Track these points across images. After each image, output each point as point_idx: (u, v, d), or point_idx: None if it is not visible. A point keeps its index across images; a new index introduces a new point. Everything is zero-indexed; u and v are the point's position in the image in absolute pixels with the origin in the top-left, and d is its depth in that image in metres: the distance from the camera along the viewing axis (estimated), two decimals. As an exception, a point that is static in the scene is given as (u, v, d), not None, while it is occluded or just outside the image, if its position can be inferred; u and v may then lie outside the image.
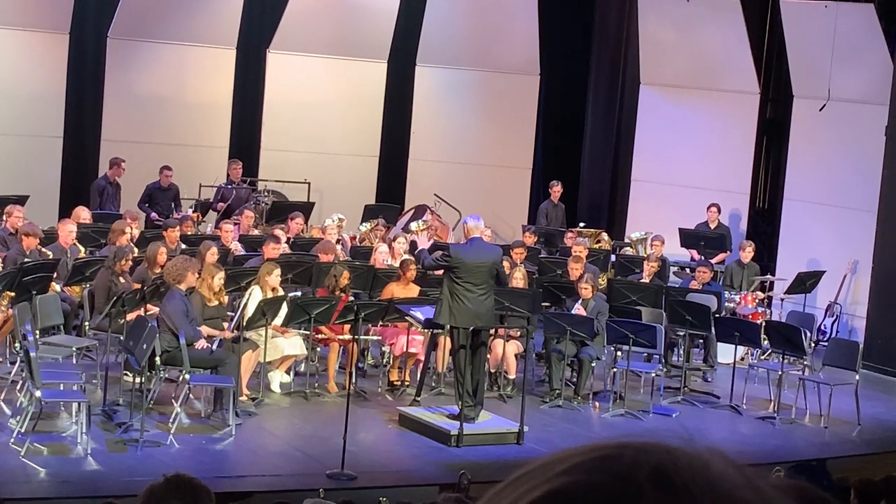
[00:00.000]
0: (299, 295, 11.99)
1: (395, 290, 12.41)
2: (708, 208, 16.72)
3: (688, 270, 15.99)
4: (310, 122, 18.18)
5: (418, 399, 11.83)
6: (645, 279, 14.13)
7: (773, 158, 18.40)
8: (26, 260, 11.80)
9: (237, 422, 10.52)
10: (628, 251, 16.79)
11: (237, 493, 9.01)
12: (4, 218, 13.48)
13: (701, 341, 13.95)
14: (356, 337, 11.33)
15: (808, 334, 13.24)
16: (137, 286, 11.34)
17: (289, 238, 14.29)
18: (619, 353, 12.38)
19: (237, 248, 13.90)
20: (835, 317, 15.98)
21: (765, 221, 18.32)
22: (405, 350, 12.26)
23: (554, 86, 19.52)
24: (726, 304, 14.43)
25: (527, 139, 19.38)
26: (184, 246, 13.40)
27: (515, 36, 18.83)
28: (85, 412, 9.75)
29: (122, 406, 10.77)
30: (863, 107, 15.93)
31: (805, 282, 15.35)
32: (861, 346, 13.15)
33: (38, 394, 9.48)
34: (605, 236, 17.33)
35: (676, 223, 16.62)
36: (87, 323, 11.77)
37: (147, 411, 10.31)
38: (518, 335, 12.53)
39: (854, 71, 16.10)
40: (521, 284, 12.71)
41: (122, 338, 10.73)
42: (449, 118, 19.06)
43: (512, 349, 12.52)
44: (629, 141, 18.91)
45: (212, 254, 12.27)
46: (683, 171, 17.89)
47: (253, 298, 11.36)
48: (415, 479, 9.79)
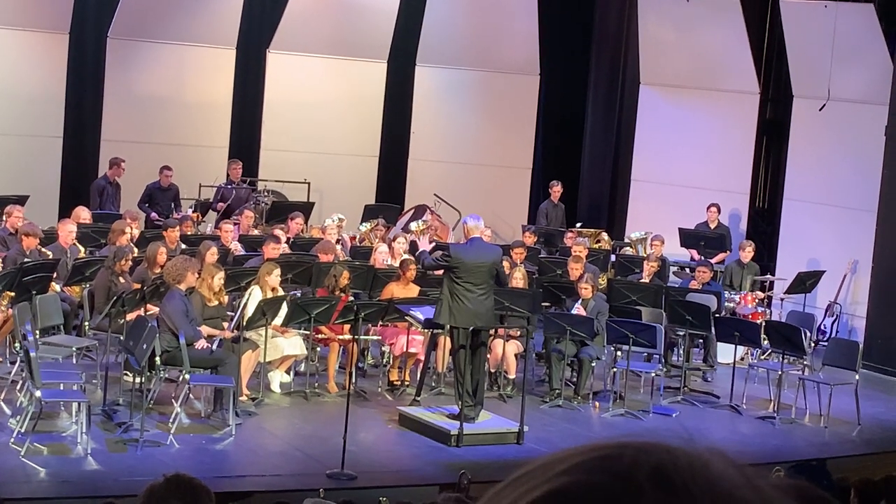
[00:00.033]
0: (298, 295, 11.99)
1: (395, 290, 12.41)
2: (708, 208, 16.72)
3: (688, 270, 15.98)
4: (310, 122, 18.17)
5: (418, 399, 11.83)
6: (645, 279, 14.13)
7: (773, 158, 18.39)
8: (26, 260, 11.80)
9: (237, 422, 10.51)
10: (628, 251, 16.78)
11: (237, 493, 9.01)
12: (4, 218, 13.48)
13: (701, 341, 13.95)
14: (356, 337, 11.33)
15: (808, 334, 13.23)
16: (137, 286, 11.34)
17: (289, 238, 14.28)
18: (619, 353, 12.38)
19: (237, 248, 13.90)
20: (835, 317, 15.98)
21: (765, 221, 18.32)
22: (405, 350, 12.26)
23: (554, 86, 19.52)
24: (726, 304, 14.43)
25: (527, 139, 19.38)
26: (184, 246, 13.40)
27: (515, 36, 18.83)
28: (85, 412, 9.75)
29: (122, 406, 10.77)
30: (863, 107, 15.93)
31: (805, 282, 15.35)
32: (861, 346, 13.15)
33: (38, 394, 9.48)
34: (605, 236, 17.33)
35: (676, 223, 16.61)
36: (87, 323, 11.76)
37: (147, 411, 10.31)
38: (518, 335, 12.52)
39: (854, 71, 16.10)
40: (521, 284, 12.71)
41: (122, 338, 10.72)
42: (449, 118, 19.06)
43: (512, 349, 12.52)
44: (629, 141, 18.91)
45: (212, 254, 12.27)
46: (683, 171, 17.88)
47: (253, 298, 11.35)
48: (415, 479, 9.79)
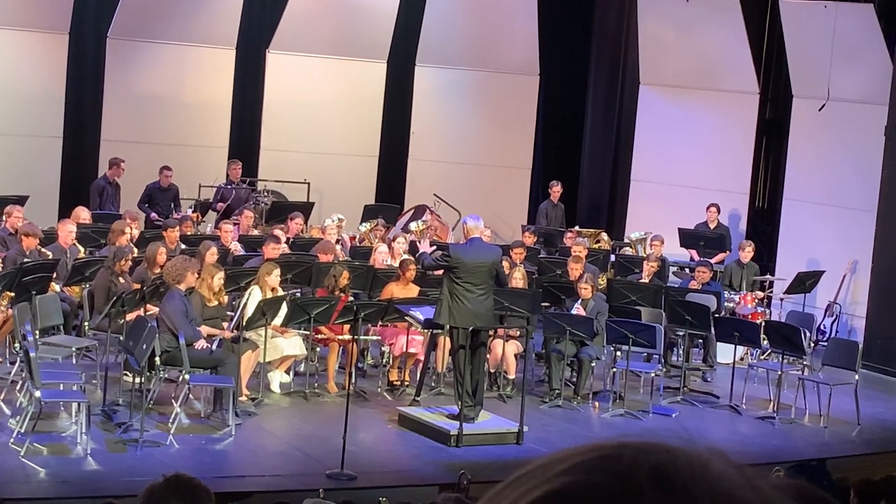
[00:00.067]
0: (298, 295, 11.99)
1: (395, 291, 12.41)
2: (707, 208, 16.72)
3: (687, 270, 15.98)
4: (309, 122, 18.17)
5: (418, 399, 11.83)
6: (644, 279, 14.12)
7: (773, 158, 18.39)
8: (26, 260, 11.80)
9: (237, 422, 10.51)
10: (628, 251, 16.78)
11: (237, 493, 9.01)
12: (4, 218, 13.48)
13: (700, 341, 13.95)
14: (356, 337, 11.32)
15: (808, 334, 13.23)
16: (137, 286, 11.34)
17: (288, 238, 14.28)
18: (619, 353, 12.37)
19: (237, 249, 13.90)
20: (834, 317, 15.98)
21: (764, 221, 18.32)
22: (405, 350, 12.26)
23: (554, 86, 19.52)
24: (726, 304, 14.43)
25: (526, 139, 19.37)
26: (183, 246, 13.40)
27: (515, 36, 18.82)
28: (85, 412, 9.75)
29: (122, 406, 10.77)
30: (862, 107, 15.93)
31: (804, 282, 15.35)
32: (861, 346, 13.15)
33: (38, 394, 9.48)
34: (605, 236, 17.32)
35: (676, 223, 16.61)
36: (87, 323, 11.77)
37: (147, 411, 10.31)
38: (518, 335, 12.52)
39: (853, 71, 16.10)
40: (521, 284, 12.70)
41: (122, 338, 10.72)
42: (449, 118, 19.05)
43: (511, 349, 12.52)
44: (629, 141, 18.91)
45: (211, 254, 12.27)
46: (683, 171, 17.88)
47: (252, 298, 11.35)
48: (415, 479, 9.79)
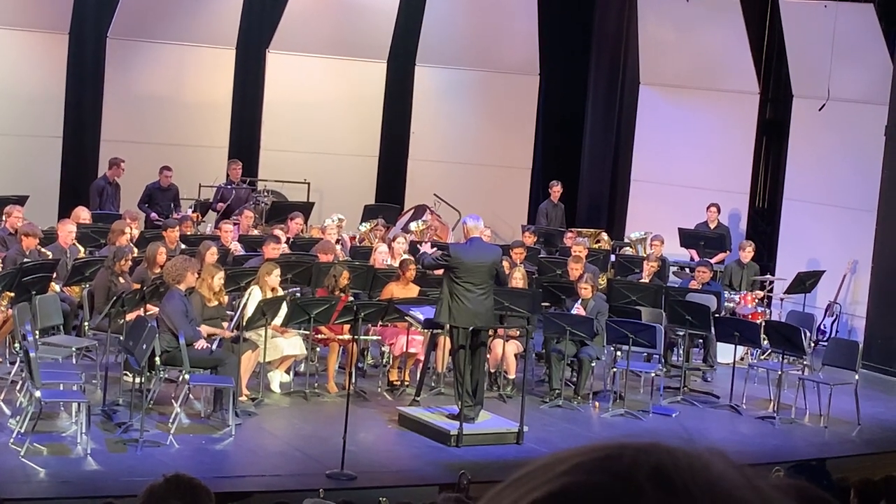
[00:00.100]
0: (298, 293, 11.98)
1: (395, 290, 12.41)
2: (707, 208, 16.72)
3: (687, 270, 15.98)
4: (309, 122, 18.17)
5: (418, 399, 11.82)
6: (644, 279, 14.12)
7: (773, 158, 18.39)
8: (26, 260, 11.79)
9: (237, 422, 10.51)
10: (628, 251, 16.78)
11: (237, 493, 9.01)
12: (4, 218, 13.47)
13: (700, 341, 13.94)
14: (356, 337, 11.32)
15: (808, 334, 13.23)
16: (137, 286, 11.34)
17: (288, 238, 14.28)
18: (619, 353, 12.37)
19: (237, 249, 13.90)
20: (834, 316, 15.98)
21: (764, 221, 18.32)
22: (405, 350, 12.26)
23: (554, 86, 19.52)
24: (726, 304, 14.43)
25: (526, 139, 19.37)
26: (183, 246, 13.40)
27: (515, 36, 18.82)
28: (85, 412, 9.75)
29: (122, 406, 10.77)
30: (862, 107, 15.93)
31: (805, 281, 15.35)
32: (861, 346, 13.16)
33: (38, 394, 9.48)
34: (605, 236, 17.33)
35: (676, 223, 16.62)
36: (87, 323, 11.76)
37: (147, 411, 10.31)
38: (518, 335, 12.52)
39: (854, 71, 16.10)
40: (521, 284, 12.70)
41: (122, 338, 10.72)
42: (449, 118, 19.05)
43: (512, 349, 12.52)
44: (629, 141, 18.91)
45: (211, 254, 12.27)
46: (683, 171, 17.88)
47: (252, 298, 11.35)
48: (415, 479, 9.79)
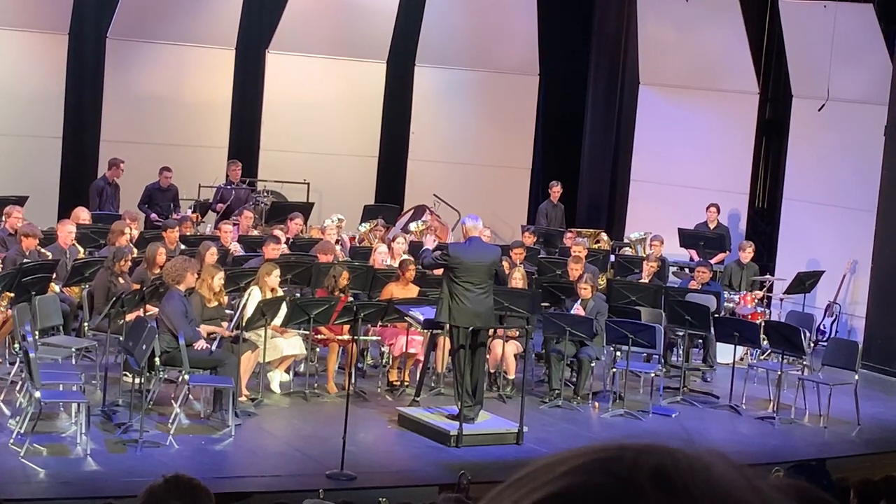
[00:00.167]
0: (298, 295, 11.98)
1: (395, 291, 12.41)
2: (707, 208, 16.72)
3: (687, 270, 15.99)
4: (309, 123, 18.17)
5: (418, 399, 11.82)
6: (644, 279, 14.12)
7: (773, 158, 18.39)
8: (25, 260, 11.79)
9: (236, 422, 10.51)
10: (627, 251, 16.78)
11: (237, 494, 9.00)
12: (4, 218, 13.47)
13: (700, 341, 13.94)
14: (355, 337, 11.32)
15: (808, 334, 13.22)
16: (137, 287, 11.34)
17: (288, 238, 14.28)
18: (619, 354, 12.37)
19: (236, 249, 13.89)
20: (834, 317, 15.97)
21: (764, 221, 18.32)
22: (404, 350, 12.26)
23: (553, 86, 19.52)
24: (725, 304, 14.43)
25: (526, 139, 19.37)
26: (183, 246, 13.40)
27: (515, 36, 18.82)
28: (84, 413, 9.75)
29: (122, 407, 10.77)
30: (862, 107, 15.93)
31: (804, 282, 15.35)
32: (860, 346, 13.16)
33: (38, 394, 9.48)
34: (605, 236, 17.33)
35: (676, 223, 16.62)
36: (87, 323, 11.76)
37: (146, 412, 10.31)
38: (517, 335, 12.52)
39: (853, 71, 16.10)
40: (521, 285, 12.70)
41: (122, 338, 10.72)
42: (448, 118, 19.05)
43: (511, 349, 12.52)
44: (628, 141, 18.91)
45: (211, 254, 12.27)
46: (683, 171, 17.88)
47: (252, 299, 11.35)
48: (414, 480, 9.79)
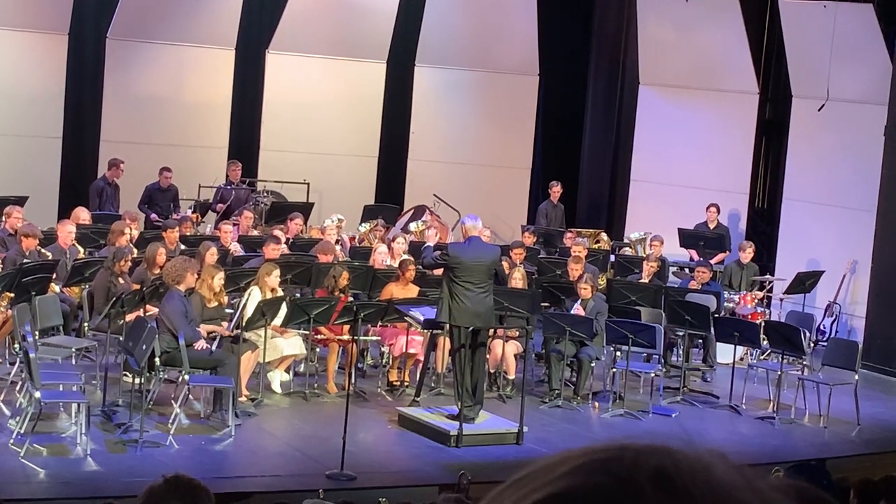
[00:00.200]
0: (298, 295, 11.98)
1: (395, 291, 12.41)
2: (707, 208, 16.72)
3: (687, 270, 15.99)
4: (309, 123, 18.17)
5: (418, 399, 11.83)
6: (644, 279, 14.12)
7: (773, 158, 18.40)
8: (25, 261, 11.79)
9: (236, 422, 10.51)
10: (627, 251, 16.78)
11: (237, 494, 9.00)
12: (4, 219, 13.47)
13: (700, 341, 13.94)
14: (355, 337, 11.32)
15: (808, 334, 13.23)
16: (137, 287, 11.34)
17: (288, 239, 14.28)
18: (619, 354, 12.37)
19: (236, 249, 13.89)
20: (834, 317, 15.98)
21: (764, 221, 18.32)
22: (404, 350, 12.26)
23: (553, 86, 19.52)
24: (725, 305, 14.43)
25: (526, 139, 19.37)
26: (183, 247, 13.40)
27: (515, 36, 18.82)
28: (84, 413, 9.75)
29: (122, 407, 10.77)
30: (862, 107, 15.93)
31: (804, 282, 15.35)
32: (860, 346, 13.16)
33: (38, 395, 9.47)
34: (605, 236, 17.33)
35: (675, 223, 16.61)
36: (87, 324, 11.76)
37: (146, 412, 10.31)
38: (517, 335, 12.52)
39: (853, 71, 16.10)
40: (521, 285, 12.70)
41: (122, 338, 10.72)
42: (448, 118, 19.05)
43: (511, 349, 12.52)
44: (628, 141, 18.91)
45: (211, 254, 12.27)
46: (683, 171, 17.89)
47: (252, 299, 11.35)
48: (414, 480, 9.79)
